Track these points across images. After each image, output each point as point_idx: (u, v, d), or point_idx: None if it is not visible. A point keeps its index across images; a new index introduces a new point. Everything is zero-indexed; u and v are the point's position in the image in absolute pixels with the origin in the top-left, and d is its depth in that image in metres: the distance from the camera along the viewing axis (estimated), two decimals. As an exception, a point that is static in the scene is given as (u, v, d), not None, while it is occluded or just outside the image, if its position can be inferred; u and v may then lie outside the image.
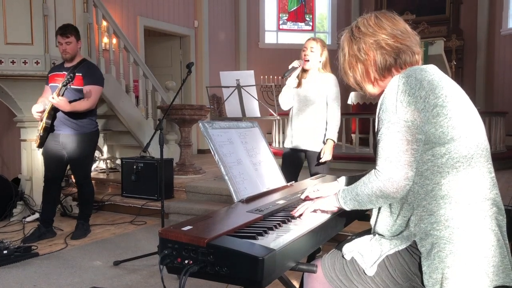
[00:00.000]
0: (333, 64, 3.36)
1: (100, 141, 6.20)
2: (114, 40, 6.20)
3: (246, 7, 10.09)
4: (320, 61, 3.27)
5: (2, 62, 4.54)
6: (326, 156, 3.23)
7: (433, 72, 1.38)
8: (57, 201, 4.24)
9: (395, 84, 1.35)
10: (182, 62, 8.72)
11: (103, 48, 6.28)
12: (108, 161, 6.16)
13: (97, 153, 6.40)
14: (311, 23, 10.93)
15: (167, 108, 3.89)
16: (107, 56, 6.08)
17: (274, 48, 10.32)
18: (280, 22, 10.74)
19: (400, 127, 1.30)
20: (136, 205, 4.91)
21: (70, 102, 3.71)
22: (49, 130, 3.83)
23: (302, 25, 10.91)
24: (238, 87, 4.15)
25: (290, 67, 3.26)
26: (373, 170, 1.37)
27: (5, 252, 3.29)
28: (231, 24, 9.98)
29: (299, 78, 3.34)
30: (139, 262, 3.32)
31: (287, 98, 3.34)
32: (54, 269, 3.22)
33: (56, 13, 4.81)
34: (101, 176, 5.89)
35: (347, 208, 1.48)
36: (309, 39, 3.32)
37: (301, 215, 1.53)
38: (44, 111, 3.81)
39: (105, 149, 6.15)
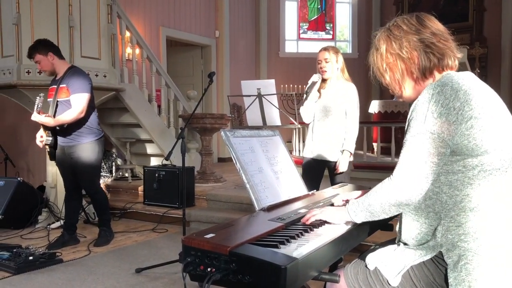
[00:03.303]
0: (350, 69, 3.35)
1: (124, 149, 6.31)
2: (137, 50, 6.32)
3: (266, 17, 10.17)
4: (337, 68, 3.26)
5: (30, 72, 4.68)
6: (342, 167, 3.21)
7: (470, 80, 1.33)
8: (79, 208, 4.29)
9: (429, 92, 1.30)
10: (203, 72, 8.81)
11: (127, 58, 6.41)
12: (130, 169, 6.24)
13: (119, 161, 6.51)
14: (331, 32, 10.92)
15: (188, 117, 3.93)
16: (130, 66, 6.19)
17: (294, 57, 10.34)
18: (301, 31, 10.76)
19: (425, 138, 1.27)
20: (158, 213, 4.95)
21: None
22: (54, 145, 3.90)
23: (322, 34, 10.90)
24: (259, 96, 4.16)
25: (310, 82, 3.25)
26: (388, 177, 1.35)
27: (30, 258, 3.36)
28: (251, 34, 10.05)
29: (319, 88, 3.33)
30: (160, 269, 3.34)
31: (310, 112, 3.32)
32: (78, 276, 3.27)
33: (81, 24, 4.94)
34: (124, 184, 5.97)
35: (358, 220, 1.45)
36: (320, 50, 3.29)
37: (312, 222, 1.50)
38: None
39: (128, 157, 6.23)
